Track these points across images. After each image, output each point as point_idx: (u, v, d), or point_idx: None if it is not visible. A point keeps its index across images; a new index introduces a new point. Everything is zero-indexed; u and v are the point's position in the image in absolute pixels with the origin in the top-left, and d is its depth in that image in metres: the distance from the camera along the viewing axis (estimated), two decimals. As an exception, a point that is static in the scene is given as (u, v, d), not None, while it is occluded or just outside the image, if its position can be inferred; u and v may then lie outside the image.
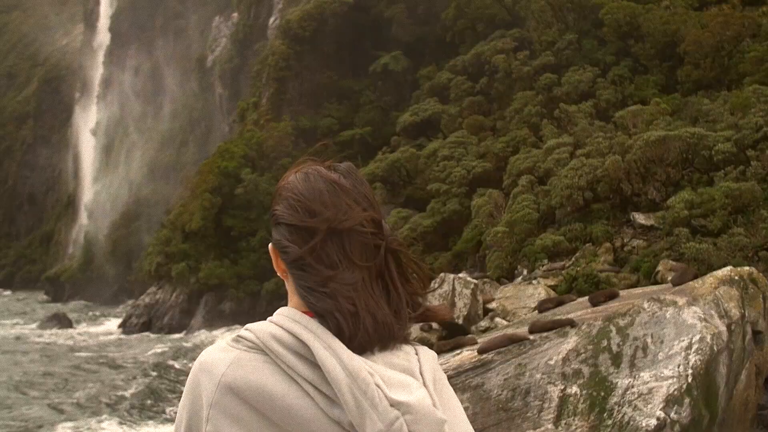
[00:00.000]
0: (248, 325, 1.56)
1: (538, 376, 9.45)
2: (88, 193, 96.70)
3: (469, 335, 15.30)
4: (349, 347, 1.47)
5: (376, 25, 49.29)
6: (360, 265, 1.55)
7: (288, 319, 1.52)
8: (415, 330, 19.16)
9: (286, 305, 1.62)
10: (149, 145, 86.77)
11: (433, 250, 29.20)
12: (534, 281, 18.89)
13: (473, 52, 38.31)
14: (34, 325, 51.60)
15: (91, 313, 62.78)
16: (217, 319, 40.66)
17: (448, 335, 17.79)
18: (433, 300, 18.41)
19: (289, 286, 1.63)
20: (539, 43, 35.20)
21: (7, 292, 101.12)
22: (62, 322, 50.58)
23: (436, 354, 1.65)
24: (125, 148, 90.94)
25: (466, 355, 11.17)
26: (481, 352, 10.48)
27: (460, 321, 17.76)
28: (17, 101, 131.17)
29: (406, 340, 1.60)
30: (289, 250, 1.59)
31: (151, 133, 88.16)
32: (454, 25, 42.83)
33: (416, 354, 1.59)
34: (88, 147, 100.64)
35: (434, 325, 18.83)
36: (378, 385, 1.43)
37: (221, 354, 1.52)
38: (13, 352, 36.77)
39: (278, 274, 1.68)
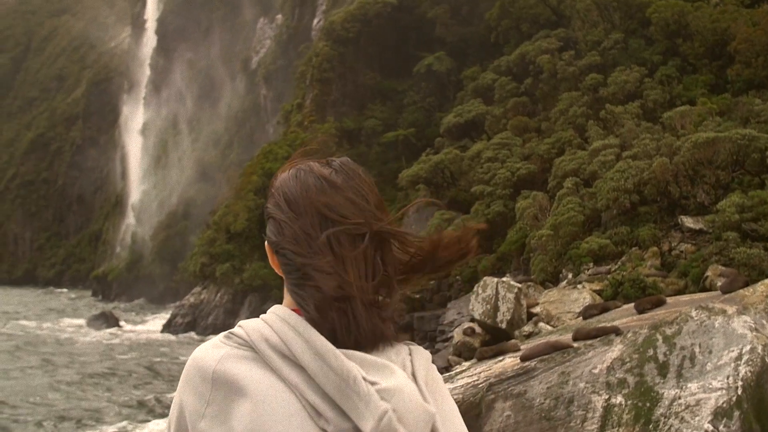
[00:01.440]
0: (241, 322, 1.56)
1: (582, 385, 9.25)
2: (135, 193, 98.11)
3: (512, 340, 15.10)
4: (336, 345, 1.46)
5: (420, 25, 49.16)
6: (348, 260, 1.51)
7: (277, 318, 1.51)
8: (457, 334, 19.06)
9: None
10: (195, 146, 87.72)
11: (477, 252, 28.88)
12: (579, 285, 18.60)
13: (518, 52, 38.00)
14: (82, 321, 52.44)
15: (137, 312, 63.64)
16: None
17: (491, 339, 17.62)
18: (477, 305, 18.26)
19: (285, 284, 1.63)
20: (585, 42, 34.78)
21: (57, 290, 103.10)
22: (109, 320, 51.33)
23: (430, 354, 1.62)
24: (172, 150, 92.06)
25: (509, 362, 11.01)
26: (523, 359, 10.33)
27: (503, 325, 17.57)
28: (67, 103, 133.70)
29: (398, 340, 1.58)
30: (276, 245, 1.60)
31: (197, 135, 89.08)
32: (498, 25, 42.51)
33: (409, 354, 1.57)
34: (135, 148, 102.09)
35: (477, 329, 18.66)
36: (367, 381, 1.41)
37: (212, 350, 1.52)
38: (60, 350, 37.31)
39: (277, 272, 1.66)
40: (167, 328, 48.22)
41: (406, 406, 1.42)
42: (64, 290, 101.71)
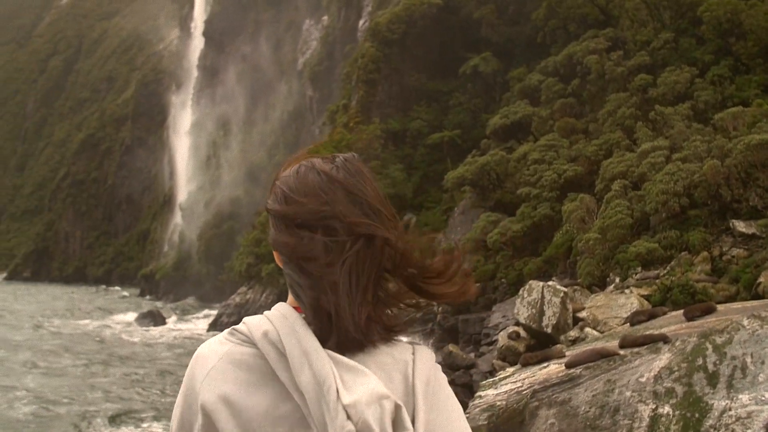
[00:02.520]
0: (245, 319, 1.59)
1: (628, 393, 9.07)
2: (182, 193, 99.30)
3: (558, 345, 14.90)
4: (327, 346, 1.47)
5: (466, 26, 48.94)
6: (343, 258, 1.49)
7: (279, 315, 1.53)
8: (502, 338, 18.87)
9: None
10: (241, 147, 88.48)
11: (522, 255, 28.79)
12: (626, 290, 18.28)
13: (565, 52, 37.59)
14: (130, 319, 53.15)
15: (183, 311, 64.35)
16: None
17: (536, 344, 17.41)
18: (522, 308, 18.05)
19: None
20: (633, 42, 34.28)
21: (106, 288, 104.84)
22: (156, 319, 52.00)
23: (433, 353, 1.62)
24: (218, 150, 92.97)
25: (554, 368, 10.88)
26: (568, 366, 10.19)
27: (549, 330, 17.34)
28: (116, 104, 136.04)
29: (400, 338, 1.59)
30: (273, 241, 1.61)
31: (244, 135, 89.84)
32: (545, 25, 42.11)
33: (412, 353, 1.57)
34: (183, 148, 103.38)
35: (522, 333, 18.45)
36: (339, 393, 1.39)
37: (216, 347, 1.56)
38: (107, 348, 37.82)
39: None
40: (213, 327, 48.65)
41: (371, 425, 1.38)
42: (116, 288, 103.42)
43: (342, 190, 1.54)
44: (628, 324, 13.59)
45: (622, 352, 9.80)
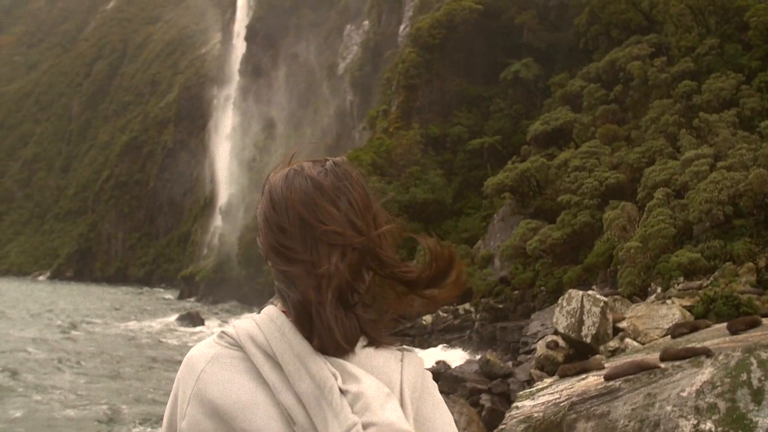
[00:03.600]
0: (234, 322, 1.60)
1: (669, 408, 8.87)
2: (223, 196, 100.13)
3: (597, 356, 14.69)
4: (317, 349, 1.46)
5: (507, 31, 48.73)
6: (321, 264, 1.48)
7: (267, 319, 1.53)
8: (540, 347, 18.64)
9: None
10: (282, 150, 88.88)
11: (562, 263, 28.52)
12: (668, 301, 17.96)
13: (607, 58, 37.25)
14: (169, 320, 53.60)
15: (222, 313, 64.75)
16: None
17: (575, 354, 17.17)
18: (561, 317, 17.81)
19: None
20: (678, 48, 33.81)
21: (147, 289, 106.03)
22: (194, 320, 52.48)
23: (422, 360, 1.59)
24: (258, 153, 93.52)
25: (592, 380, 10.70)
26: (607, 378, 10.01)
27: (588, 340, 17.07)
28: (159, 107, 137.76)
29: (390, 344, 1.56)
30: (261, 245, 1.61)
31: (283, 139, 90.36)
32: (588, 30, 41.74)
33: (401, 359, 1.54)
34: (223, 151, 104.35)
35: (560, 342, 18.21)
36: (342, 392, 1.40)
37: (205, 350, 1.55)
38: (145, 351, 38.14)
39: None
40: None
41: (377, 421, 1.38)
42: (159, 289, 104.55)
43: (327, 195, 1.53)
44: (669, 336, 13.34)
45: (663, 365, 9.60)
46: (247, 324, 1.55)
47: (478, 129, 46.59)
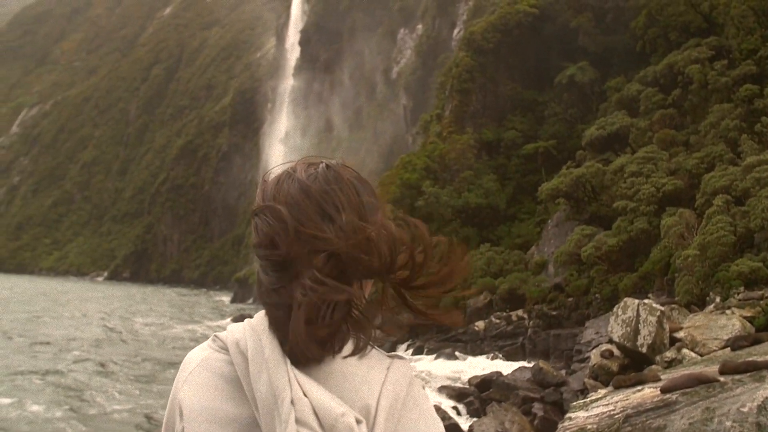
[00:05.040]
0: (229, 325, 1.58)
1: (729, 423, 8.59)
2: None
3: (653, 367, 14.39)
4: (291, 357, 1.44)
5: (562, 35, 48.24)
6: (296, 269, 1.46)
7: (254, 323, 1.52)
8: (594, 356, 18.32)
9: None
10: (335, 154, 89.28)
11: (617, 270, 28.10)
12: (727, 311, 17.53)
13: (665, 62, 36.63)
14: (222, 323, 54.08)
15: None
16: (392, 329, 40.93)
17: (630, 363, 16.84)
18: (616, 326, 17.47)
19: None
20: (739, 51, 33.11)
21: (203, 290, 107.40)
22: (246, 323, 52.85)
23: (411, 370, 1.55)
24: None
25: (648, 392, 10.46)
26: (664, 391, 9.78)
27: (644, 350, 16.72)
28: (214, 111, 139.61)
29: (378, 351, 1.53)
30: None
31: (337, 142, 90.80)
32: (645, 33, 41.10)
33: (388, 368, 1.50)
34: (277, 155, 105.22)
35: (615, 351, 17.87)
36: (293, 403, 1.37)
37: (198, 353, 1.59)
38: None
39: None
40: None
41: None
42: (215, 291, 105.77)
43: (313, 199, 1.51)
44: (729, 348, 12.98)
45: (722, 378, 9.33)
46: (236, 328, 1.55)
47: (532, 133, 46.22)
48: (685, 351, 15.71)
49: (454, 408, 20.99)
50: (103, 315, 54.38)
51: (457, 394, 22.51)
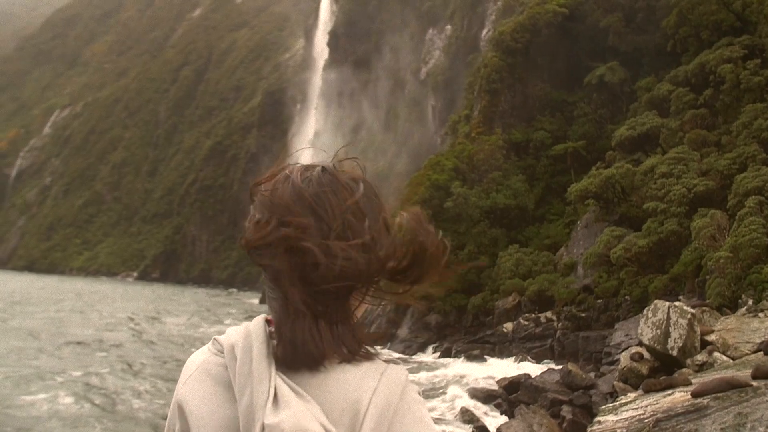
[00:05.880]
0: (228, 329, 1.59)
1: (762, 429, 8.46)
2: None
3: (684, 370, 14.22)
4: (281, 362, 1.45)
5: (592, 34, 47.87)
6: (283, 271, 1.47)
7: (252, 326, 1.53)
8: (624, 358, 18.14)
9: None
10: (363, 155, 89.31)
11: (647, 272, 27.85)
12: (760, 314, 17.30)
13: (697, 61, 36.23)
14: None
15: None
16: (423, 331, 40.65)
17: (661, 366, 16.66)
18: (646, 328, 17.28)
19: None
20: (772, 50, 32.69)
21: (233, 290, 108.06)
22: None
23: (405, 376, 1.53)
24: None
25: (678, 397, 10.33)
26: (695, 395, 9.64)
27: (674, 353, 16.53)
28: (243, 112, 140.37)
29: (373, 357, 1.52)
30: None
31: (366, 144, 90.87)
32: (676, 32, 40.65)
33: (381, 374, 1.49)
34: (306, 157, 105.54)
35: (645, 354, 17.68)
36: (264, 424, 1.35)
37: (198, 356, 1.59)
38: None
39: None
40: (331, 334, 49.18)
41: None
42: (244, 291, 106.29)
43: (305, 203, 1.51)
44: (762, 352, 12.78)
45: (755, 383, 9.18)
46: (234, 331, 1.56)
47: (561, 134, 45.92)
48: (716, 354, 15.50)
49: (482, 410, 20.91)
50: (132, 315, 54.83)
51: (485, 396, 22.43)
